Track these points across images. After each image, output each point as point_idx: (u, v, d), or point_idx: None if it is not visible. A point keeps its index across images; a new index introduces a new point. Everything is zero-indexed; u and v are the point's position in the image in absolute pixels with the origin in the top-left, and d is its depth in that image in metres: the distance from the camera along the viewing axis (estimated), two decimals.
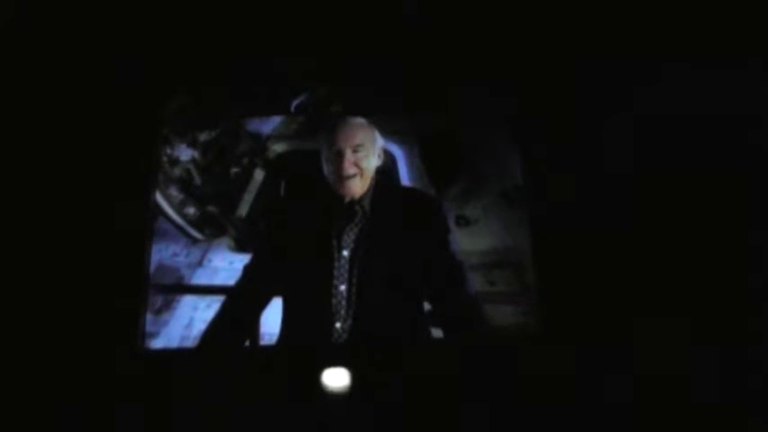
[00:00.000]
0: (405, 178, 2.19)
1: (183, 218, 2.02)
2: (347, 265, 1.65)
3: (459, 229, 2.00)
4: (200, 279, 2.00)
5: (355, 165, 1.67)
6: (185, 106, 2.10)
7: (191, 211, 2.04)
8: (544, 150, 1.95)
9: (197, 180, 2.09)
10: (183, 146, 2.08)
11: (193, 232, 2.03)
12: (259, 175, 2.13)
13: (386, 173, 1.87)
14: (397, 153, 2.17)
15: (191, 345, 1.79)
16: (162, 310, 1.91)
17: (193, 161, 2.08)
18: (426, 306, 1.72)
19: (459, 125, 2.11)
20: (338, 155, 1.67)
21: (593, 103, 1.96)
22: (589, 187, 1.89)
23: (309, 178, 1.80)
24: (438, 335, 1.72)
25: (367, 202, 1.71)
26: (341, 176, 1.67)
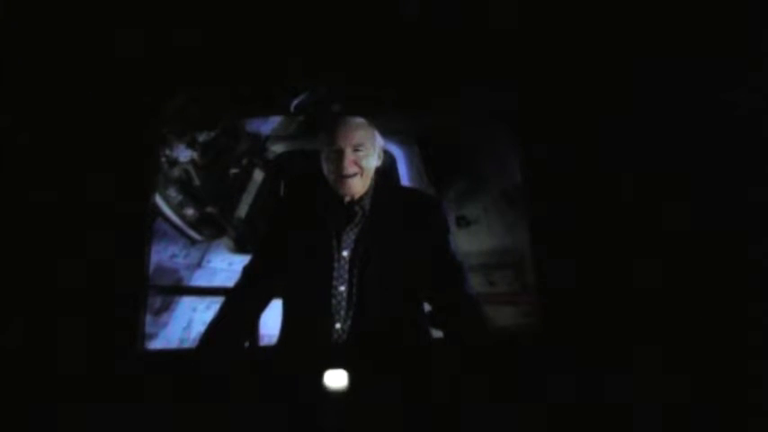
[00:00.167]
0: (405, 178, 2.19)
1: (182, 219, 2.01)
2: (347, 266, 1.64)
3: (460, 230, 2.00)
4: (200, 280, 2.00)
5: (356, 164, 1.66)
6: (185, 106, 2.09)
7: (189, 211, 2.03)
8: (544, 150, 1.95)
9: (196, 181, 2.08)
10: (182, 146, 2.07)
11: (192, 233, 2.02)
12: (258, 175, 2.13)
13: (386, 173, 1.87)
14: (397, 153, 2.17)
15: (190, 346, 1.78)
16: (161, 311, 1.90)
17: (192, 162, 2.06)
18: (426, 306, 1.71)
19: (458, 125, 2.11)
20: (338, 154, 1.65)
21: (593, 103, 1.96)
22: (589, 187, 1.89)
23: (309, 178, 1.79)
24: (438, 335, 1.72)
25: (367, 202, 1.70)
26: (341, 175, 1.65)
